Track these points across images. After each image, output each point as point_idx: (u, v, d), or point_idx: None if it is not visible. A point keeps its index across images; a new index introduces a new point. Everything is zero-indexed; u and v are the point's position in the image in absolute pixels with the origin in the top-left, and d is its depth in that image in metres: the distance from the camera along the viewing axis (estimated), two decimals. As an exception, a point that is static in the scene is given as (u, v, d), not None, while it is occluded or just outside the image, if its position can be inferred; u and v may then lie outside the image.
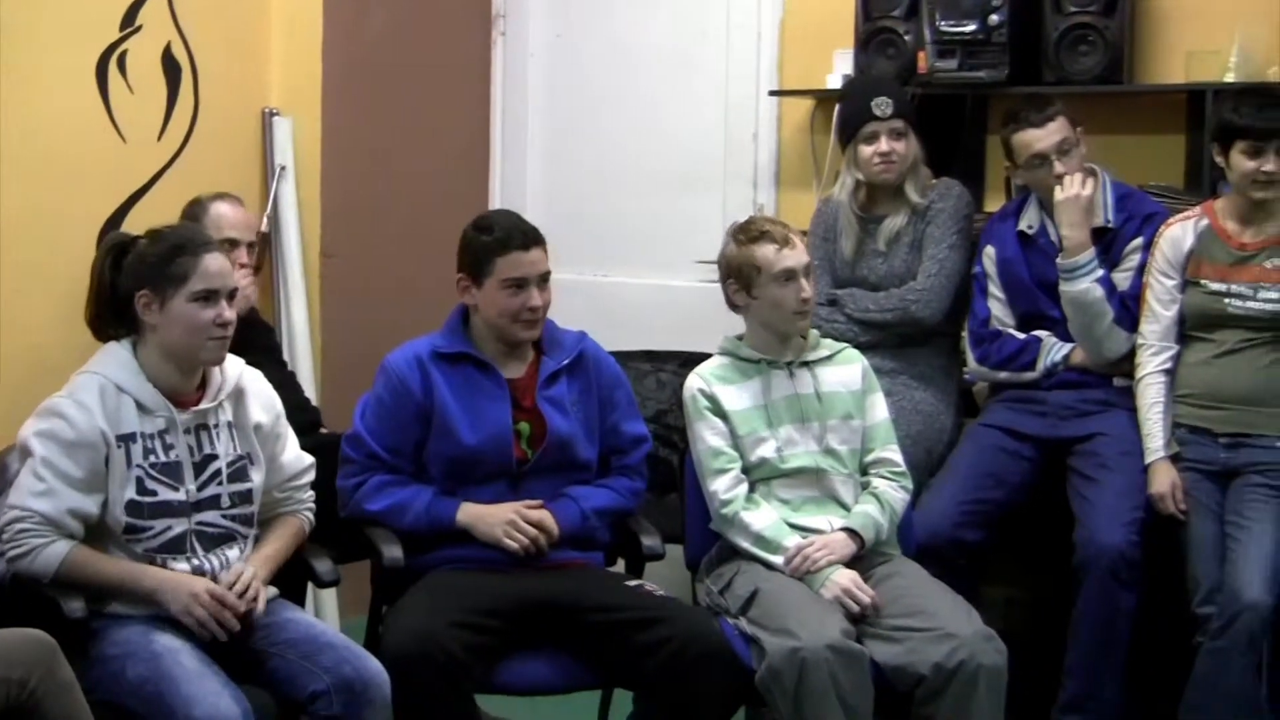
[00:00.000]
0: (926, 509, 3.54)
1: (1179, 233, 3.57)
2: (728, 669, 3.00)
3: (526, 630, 3.05)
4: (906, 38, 4.15)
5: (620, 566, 3.37)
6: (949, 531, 3.52)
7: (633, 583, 3.19)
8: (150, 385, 2.87)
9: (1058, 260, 3.66)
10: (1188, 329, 3.55)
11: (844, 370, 3.38)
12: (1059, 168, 3.64)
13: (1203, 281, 3.52)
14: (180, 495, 2.86)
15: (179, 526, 2.86)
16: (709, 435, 3.28)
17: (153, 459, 2.84)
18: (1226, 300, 3.49)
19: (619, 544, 3.34)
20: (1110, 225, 3.68)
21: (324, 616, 4.16)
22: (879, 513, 3.27)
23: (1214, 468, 3.48)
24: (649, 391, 4.17)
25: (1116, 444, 3.55)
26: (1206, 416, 3.51)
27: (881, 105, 3.80)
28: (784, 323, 3.30)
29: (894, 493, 3.32)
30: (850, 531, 3.22)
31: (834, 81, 4.33)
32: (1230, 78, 3.90)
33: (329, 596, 4.22)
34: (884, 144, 3.80)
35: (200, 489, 2.88)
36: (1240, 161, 3.45)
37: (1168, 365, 3.55)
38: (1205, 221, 3.56)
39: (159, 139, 4.13)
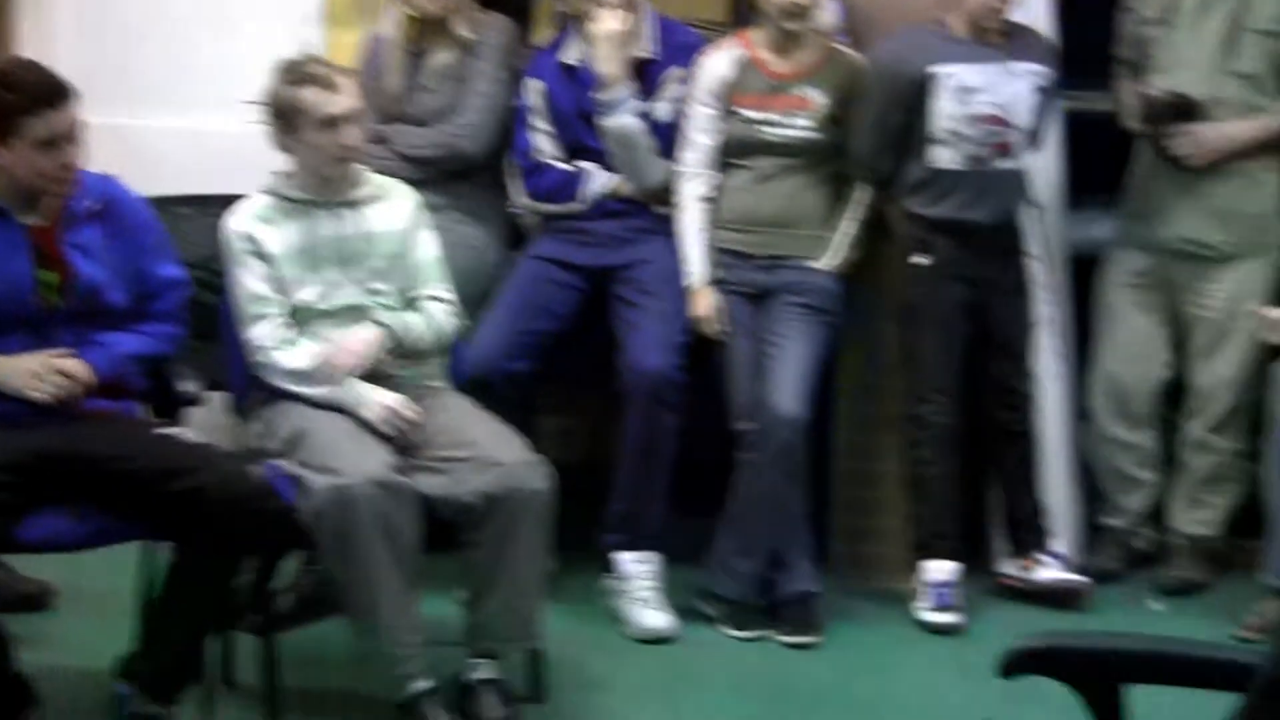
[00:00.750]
0: (475, 342, 3.53)
1: (717, 63, 3.65)
2: (268, 513, 2.91)
3: (53, 485, 2.86)
4: None
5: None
6: (498, 363, 3.54)
7: (167, 430, 3.06)
8: None
9: (595, 95, 3.67)
10: (727, 157, 3.65)
11: (393, 208, 3.31)
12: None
13: (740, 110, 3.62)
14: None
15: None
16: (249, 280, 3.19)
17: None
18: (762, 128, 3.60)
19: (154, 391, 3.18)
20: (652, 57, 3.72)
21: None
22: (417, 319, 3.23)
23: (751, 290, 3.62)
24: (193, 236, 3.97)
25: (658, 270, 3.63)
26: (743, 240, 3.63)
27: (434, -61, 3.70)
28: (324, 167, 3.21)
29: (442, 315, 3.28)
30: (377, 327, 3.16)
31: (383, -85, 4.18)
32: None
33: None
34: (433, -25, 3.71)
35: None
36: None
37: (707, 192, 3.64)
38: (744, 52, 3.64)
39: None
